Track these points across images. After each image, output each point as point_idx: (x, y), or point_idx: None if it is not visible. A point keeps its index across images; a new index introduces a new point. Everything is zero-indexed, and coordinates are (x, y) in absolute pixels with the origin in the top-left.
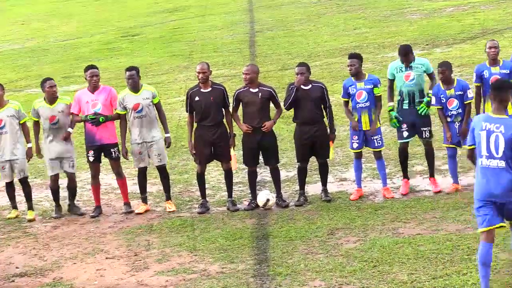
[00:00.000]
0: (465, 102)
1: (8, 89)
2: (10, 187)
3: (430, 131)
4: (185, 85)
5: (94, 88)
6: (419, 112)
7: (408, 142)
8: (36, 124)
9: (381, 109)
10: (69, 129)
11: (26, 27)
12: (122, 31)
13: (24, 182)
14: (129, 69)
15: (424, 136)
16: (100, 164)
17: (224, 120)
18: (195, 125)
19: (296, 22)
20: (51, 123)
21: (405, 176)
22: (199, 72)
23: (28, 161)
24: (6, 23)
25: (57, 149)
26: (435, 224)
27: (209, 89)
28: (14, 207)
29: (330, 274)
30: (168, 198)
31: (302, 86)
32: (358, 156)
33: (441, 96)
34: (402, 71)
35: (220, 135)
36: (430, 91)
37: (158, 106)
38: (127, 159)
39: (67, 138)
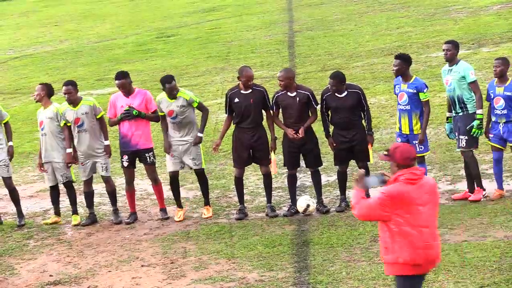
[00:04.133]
0: None
1: None
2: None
3: (467, 141)
4: (222, 87)
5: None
6: (472, 134)
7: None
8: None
9: (428, 115)
10: (106, 142)
11: (59, 28)
12: (157, 32)
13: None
14: (168, 81)
15: (459, 145)
16: (135, 169)
17: (265, 123)
18: (232, 126)
19: (336, 21)
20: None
21: (468, 186)
22: (247, 80)
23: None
24: (39, 24)
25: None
26: (482, 230)
27: (250, 90)
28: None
29: (373, 282)
30: (207, 203)
31: (336, 94)
32: None
33: (491, 92)
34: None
35: (259, 138)
36: (480, 111)
37: (199, 107)
38: (168, 153)
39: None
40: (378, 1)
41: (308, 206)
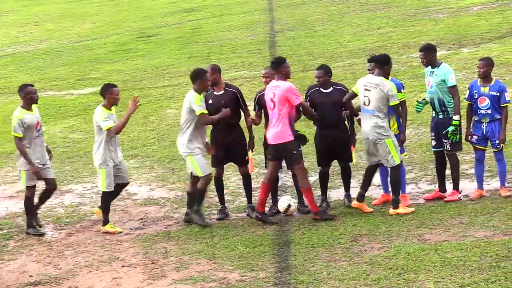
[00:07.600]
0: (501, 105)
1: None
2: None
3: (451, 145)
4: None
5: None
6: (449, 139)
7: (438, 151)
8: None
9: (404, 115)
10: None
11: (39, 28)
12: (138, 32)
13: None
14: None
15: (445, 148)
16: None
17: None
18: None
19: (317, 21)
20: None
21: (440, 185)
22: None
23: None
24: (18, 24)
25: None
26: (462, 230)
27: (222, 92)
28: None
29: (354, 282)
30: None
31: (322, 89)
32: None
33: (475, 92)
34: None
35: (234, 138)
36: (457, 117)
37: None
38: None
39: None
40: (359, 2)
41: (289, 206)
